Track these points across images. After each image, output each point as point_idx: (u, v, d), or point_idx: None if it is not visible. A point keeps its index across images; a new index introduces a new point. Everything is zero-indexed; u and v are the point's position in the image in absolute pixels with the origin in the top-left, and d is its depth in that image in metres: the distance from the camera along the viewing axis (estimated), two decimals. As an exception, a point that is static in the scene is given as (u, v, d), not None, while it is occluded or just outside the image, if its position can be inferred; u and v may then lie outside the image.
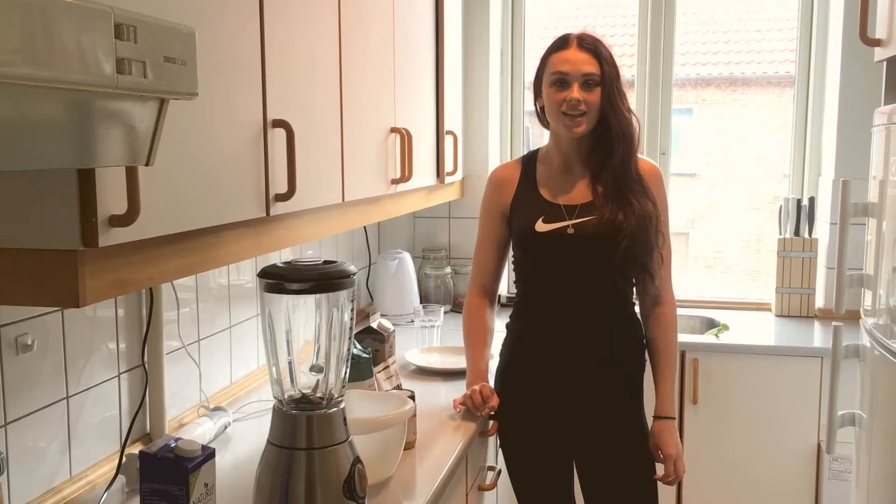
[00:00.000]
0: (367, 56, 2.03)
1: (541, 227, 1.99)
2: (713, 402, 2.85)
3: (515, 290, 2.14)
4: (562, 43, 1.97)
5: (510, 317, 2.14)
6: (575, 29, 2.01)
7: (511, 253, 2.15)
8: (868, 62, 2.38)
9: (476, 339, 2.15)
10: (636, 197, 1.95)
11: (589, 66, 1.92)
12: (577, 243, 1.96)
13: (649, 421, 2.08)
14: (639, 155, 2.02)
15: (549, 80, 1.96)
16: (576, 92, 1.91)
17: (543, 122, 2.05)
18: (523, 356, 2.09)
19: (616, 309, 2.02)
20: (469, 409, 2.05)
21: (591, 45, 1.94)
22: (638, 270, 1.98)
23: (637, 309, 2.10)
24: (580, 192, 2.01)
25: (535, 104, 2.06)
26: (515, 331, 2.12)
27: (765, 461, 2.84)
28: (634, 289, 2.06)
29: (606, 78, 1.93)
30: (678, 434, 2.07)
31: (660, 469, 2.06)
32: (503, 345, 2.15)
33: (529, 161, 2.11)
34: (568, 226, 1.97)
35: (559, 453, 2.10)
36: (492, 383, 2.12)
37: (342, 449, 1.45)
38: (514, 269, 2.14)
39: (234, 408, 2.08)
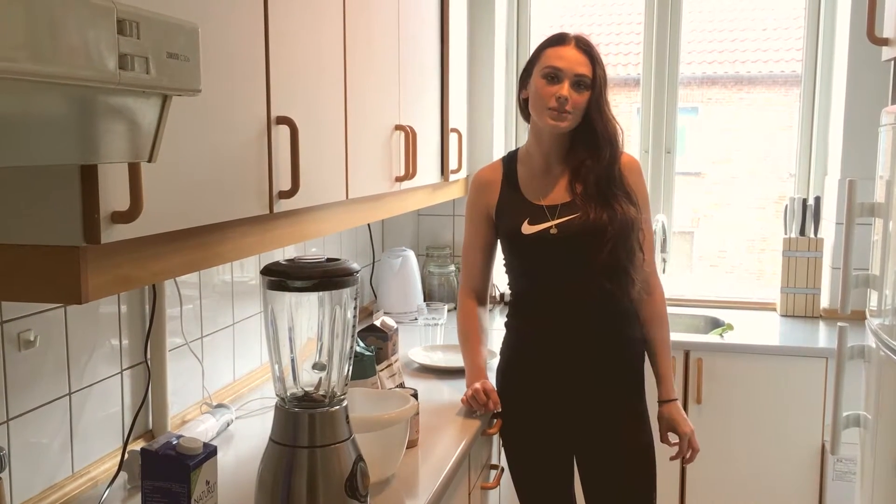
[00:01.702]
0: (371, 53, 2.02)
1: (527, 228, 2.01)
2: (717, 402, 2.84)
3: (510, 290, 2.15)
4: (559, 39, 1.98)
5: (507, 315, 2.15)
6: (579, 27, 2.02)
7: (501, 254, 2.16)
8: (875, 61, 2.37)
9: (472, 338, 2.17)
10: (619, 202, 1.96)
11: (583, 67, 1.94)
12: (561, 243, 1.98)
13: (651, 417, 2.10)
14: None
15: (541, 72, 1.96)
16: (566, 89, 1.93)
17: (525, 114, 2.06)
18: (522, 354, 2.10)
19: (608, 305, 2.02)
20: (474, 407, 2.06)
21: (586, 48, 1.96)
22: (620, 274, 1.98)
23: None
24: (560, 192, 2.02)
25: (519, 95, 2.06)
26: (513, 329, 2.13)
27: (769, 461, 2.83)
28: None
29: (597, 82, 1.95)
30: (684, 412, 2.10)
31: (672, 450, 2.09)
32: (503, 343, 2.16)
33: (510, 162, 2.13)
34: (551, 226, 1.98)
35: (559, 449, 2.11)
36: (492, 380, 2.13)
37: (344, 447, 1.44)
38: (505, 272, 2.14)
39: (237, 405, 2.08)
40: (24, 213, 1.05)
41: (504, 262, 2.14)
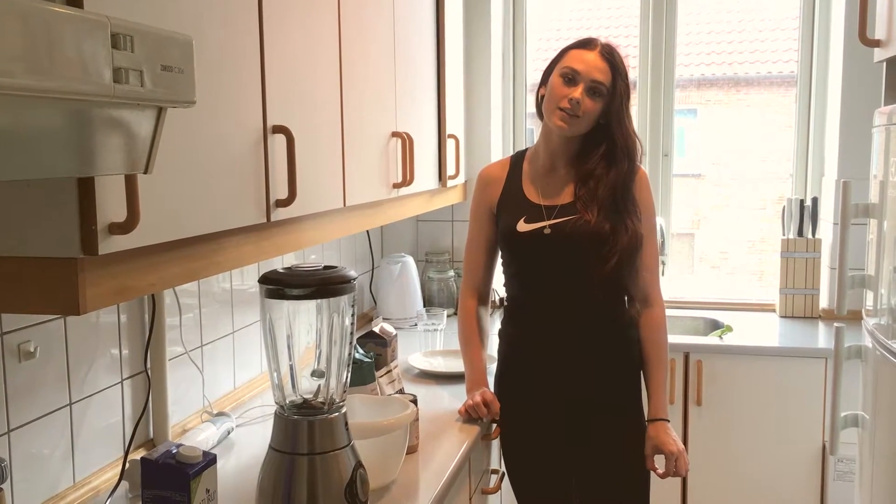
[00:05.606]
0: (367, 60, 2.03)
1: (522, 226, 2.00)
2: (717, 404, 2.84)
3: (506, 294, 2.14)
4: (586, 43, 1.97)
5: (501, 322, 2.15)
6: (575, 31, 2.01)
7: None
8: (870, 62, 2.37)
9: (473, 341, 2.15)
10: (631, 218, 1.96)
11: (602, 74, 1.92)
12: (553, 244, 1.97)
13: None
14: None
15: (560, 71, 1.95)
16: (579, 92, 1.91)
17: (540, 112, 2.04)
18: (516, 361, 2.10)
19: (602, 310, 2.01)
20: (473, 417, 2.05)
21: (611, 57, 1.94)
22: (618, 290, 1.99)
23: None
24: (562, 194, 2.01)
25: (539, 91, 2.04)
26: (508, 334, 2.12)
27: (770, 463, 2.83)
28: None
29: (617, 93, 1.93)
30: (674, 432, 2.05)
31: (660, 465, 2.03)
32: (498, 350, 2.16)
33: (517, 160, 2.12)
34: (545, 226, 1.98)
35: (557, 457, 2.09)
36: (491, 385, 2.12)
37: (344, 454, 1.45)
38: (503, 272, 2.14)
39: (238, 413, 2.09)
40: (23, 226, 1.06)
41: (502, 262, 2.14)
